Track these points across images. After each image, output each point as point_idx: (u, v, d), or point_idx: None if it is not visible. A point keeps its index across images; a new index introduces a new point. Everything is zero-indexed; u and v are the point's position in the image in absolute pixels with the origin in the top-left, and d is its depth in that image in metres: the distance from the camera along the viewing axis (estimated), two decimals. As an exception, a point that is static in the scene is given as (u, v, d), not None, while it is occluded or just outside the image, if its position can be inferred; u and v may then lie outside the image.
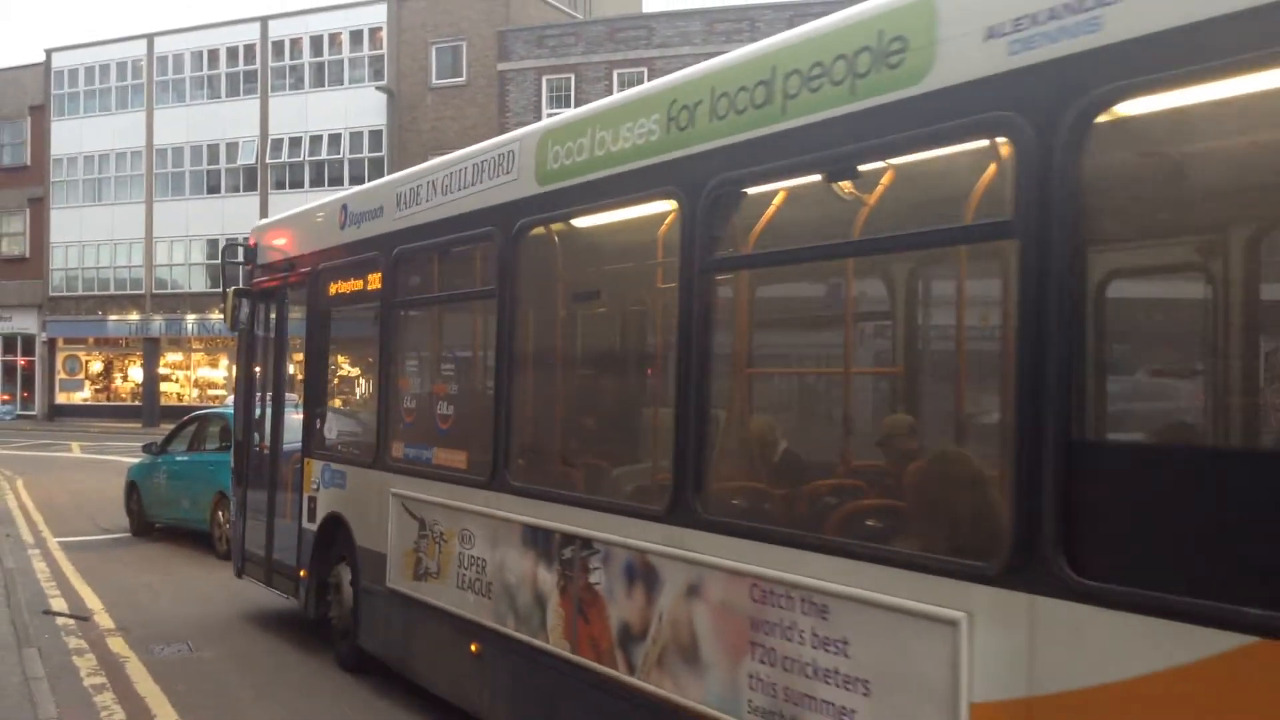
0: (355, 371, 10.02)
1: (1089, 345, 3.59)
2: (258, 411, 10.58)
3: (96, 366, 47.98)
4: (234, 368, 13.52)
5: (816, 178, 4.51)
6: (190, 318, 43.58)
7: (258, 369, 10.73)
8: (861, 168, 4.28)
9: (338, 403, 9.85)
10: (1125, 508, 3.41)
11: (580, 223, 6.24)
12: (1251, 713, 2.98)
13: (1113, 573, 3.30)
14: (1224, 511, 3.20)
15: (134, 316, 45.23)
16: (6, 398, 47.44)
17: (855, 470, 5.11)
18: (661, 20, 36.97)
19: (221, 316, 10.88)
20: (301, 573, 9.20)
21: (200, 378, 45.55)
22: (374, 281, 8.18)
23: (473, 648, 6.71)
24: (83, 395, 47.48)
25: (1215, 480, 3.31)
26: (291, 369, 10.18)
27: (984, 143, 3.78)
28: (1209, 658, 3.02)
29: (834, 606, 4.16)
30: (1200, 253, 3.84)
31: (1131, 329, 4.21)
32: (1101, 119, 3.40)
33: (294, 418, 9.70)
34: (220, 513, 13.97)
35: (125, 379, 47.35)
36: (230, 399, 16.25)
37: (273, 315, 10.33)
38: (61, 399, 47.11)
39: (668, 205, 5.21)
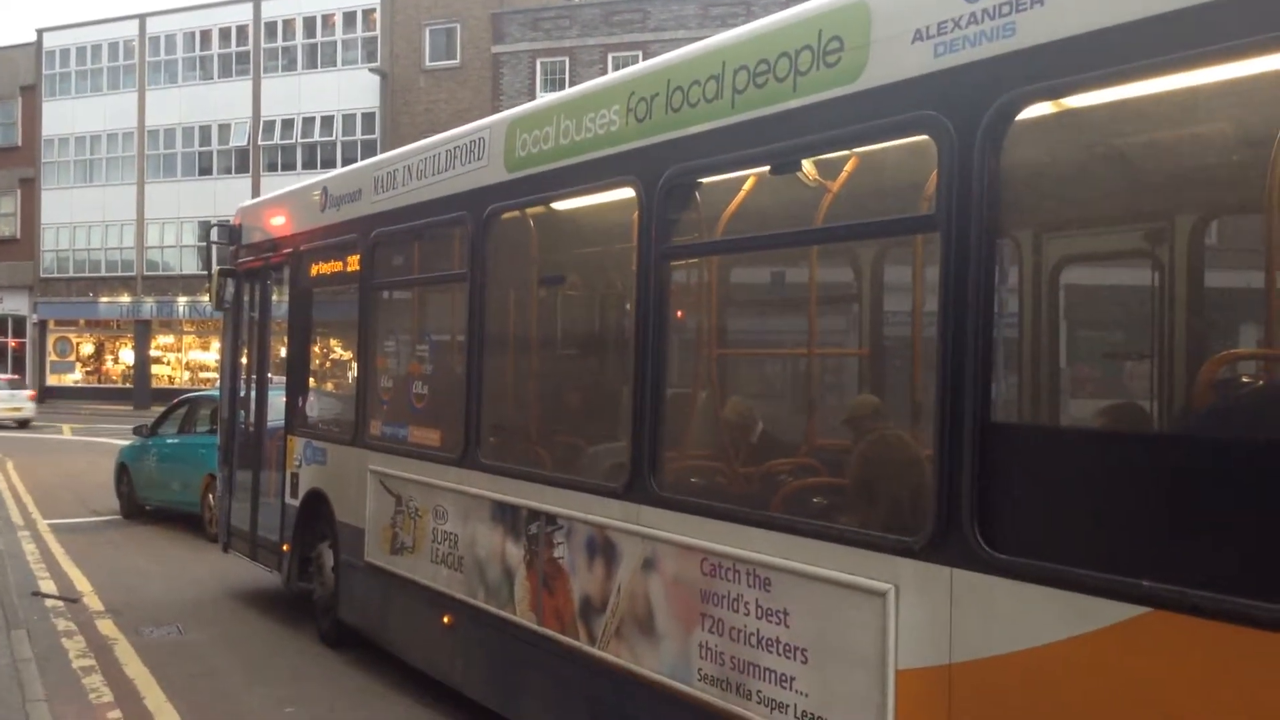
0: (336, 351, 10.17)
1: (1005, 334, 3.78)
2: (243, 389, 10.75)
3: (87, 348, 47.86)
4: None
5: (763, 170, 4.70)
6: (182, 300, 43.52)
7: (243, 348, 10.89)
8: (803, 161, 4.46)
9: (319, 381, 10.02)
10: (1034, 486, 3.61)
11: (547, 209, 6.40)
12: (1145, 679, 3.16)
13: (1023, 547, 3.48)
14: (1121, 490, 3.38)
15: (125, 298, 45.18)
16: (-4, 379, 47.43)
17: (800, 449, 5.31)
18: (657, 4, 36.74)
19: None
20: (285, 547, 9.39)
21: (191, 360, 45.50)
22: (353, 263, 8.36)
23: (445, 619, 6.91)
24: (73, 377, 47.40)
25: (1113, 461, 3.50)
26: (275, 348, 10.34)
27: (912, 139, 3.94)
28: (1107, 627, 3.21)
29: (776, 579, 4.36)
30: (1111, 245, 4.03)
31: (1046, 319, 4.40)
32: (1016, 119, 3.57)
33: (278, 396, 9.85)
34: (211, 495, 13.89)
35: (116, 361, 47.24)
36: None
37: (257, 295, 10.47)
38: (52, 381, 46.94)
39: (628, 193, 5.37)
